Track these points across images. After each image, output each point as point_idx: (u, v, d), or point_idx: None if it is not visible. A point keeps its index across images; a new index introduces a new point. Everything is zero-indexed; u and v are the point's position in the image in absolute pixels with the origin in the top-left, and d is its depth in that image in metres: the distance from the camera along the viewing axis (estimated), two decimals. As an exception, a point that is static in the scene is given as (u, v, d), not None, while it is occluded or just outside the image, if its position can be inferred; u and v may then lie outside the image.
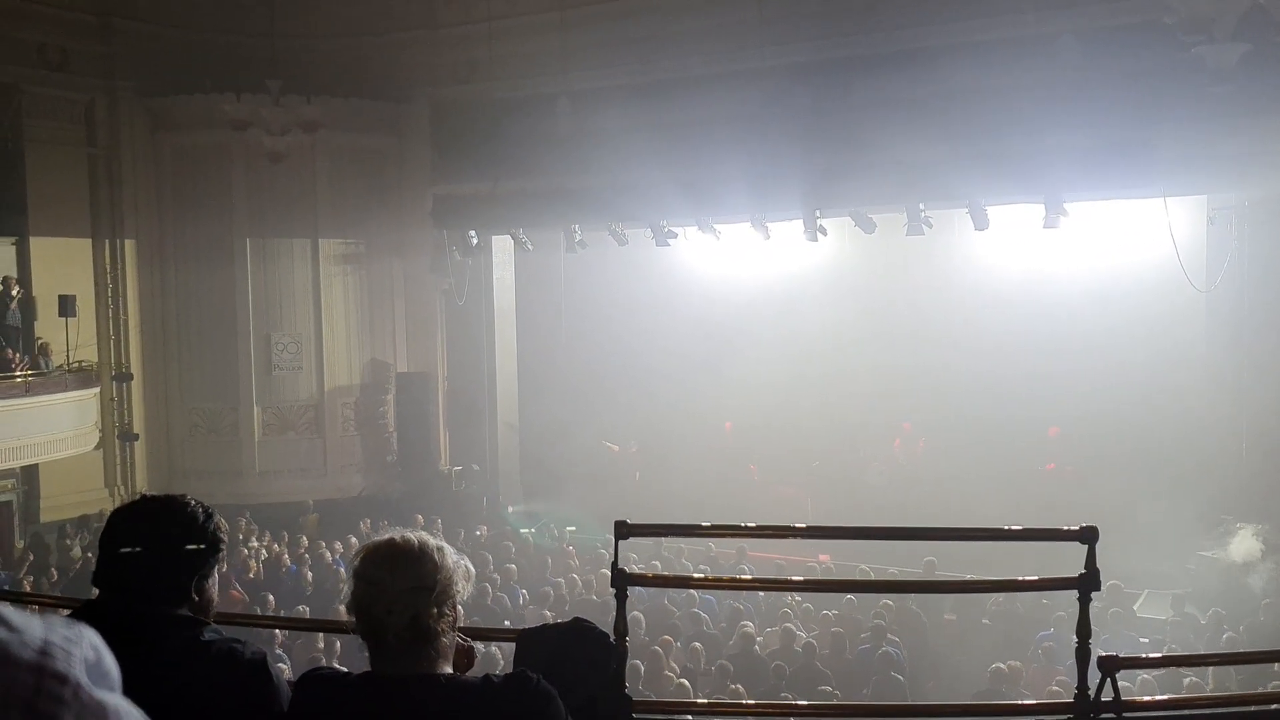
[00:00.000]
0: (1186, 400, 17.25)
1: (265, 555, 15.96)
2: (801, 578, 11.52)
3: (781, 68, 17.06)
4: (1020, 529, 3.77)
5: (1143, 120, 14.49)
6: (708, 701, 7.70)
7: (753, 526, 3.96)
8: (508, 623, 11.57)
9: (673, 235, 19.28)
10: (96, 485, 19.27)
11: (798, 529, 4.23)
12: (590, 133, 17.45)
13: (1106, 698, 3.25)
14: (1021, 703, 5.74)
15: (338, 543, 16.23)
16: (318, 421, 20.85)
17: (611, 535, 3.26)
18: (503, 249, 21.19)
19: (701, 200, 17.71)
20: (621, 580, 3.21)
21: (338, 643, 11.26)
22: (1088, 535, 3.18)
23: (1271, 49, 13.24)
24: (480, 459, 21.06)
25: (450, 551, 2.33)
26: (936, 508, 16.65)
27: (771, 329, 21.00)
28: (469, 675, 2.36)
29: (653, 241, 19.40)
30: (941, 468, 19.42)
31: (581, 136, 17.58)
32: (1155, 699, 4.53)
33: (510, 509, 20.27)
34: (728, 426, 22.52)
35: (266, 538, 16.90)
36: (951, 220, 18.62)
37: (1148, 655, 9.40)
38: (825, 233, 18.00)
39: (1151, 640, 12.03)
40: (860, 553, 14.05)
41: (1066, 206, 15.84)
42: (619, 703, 3.01)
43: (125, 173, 19.63)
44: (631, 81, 18.10)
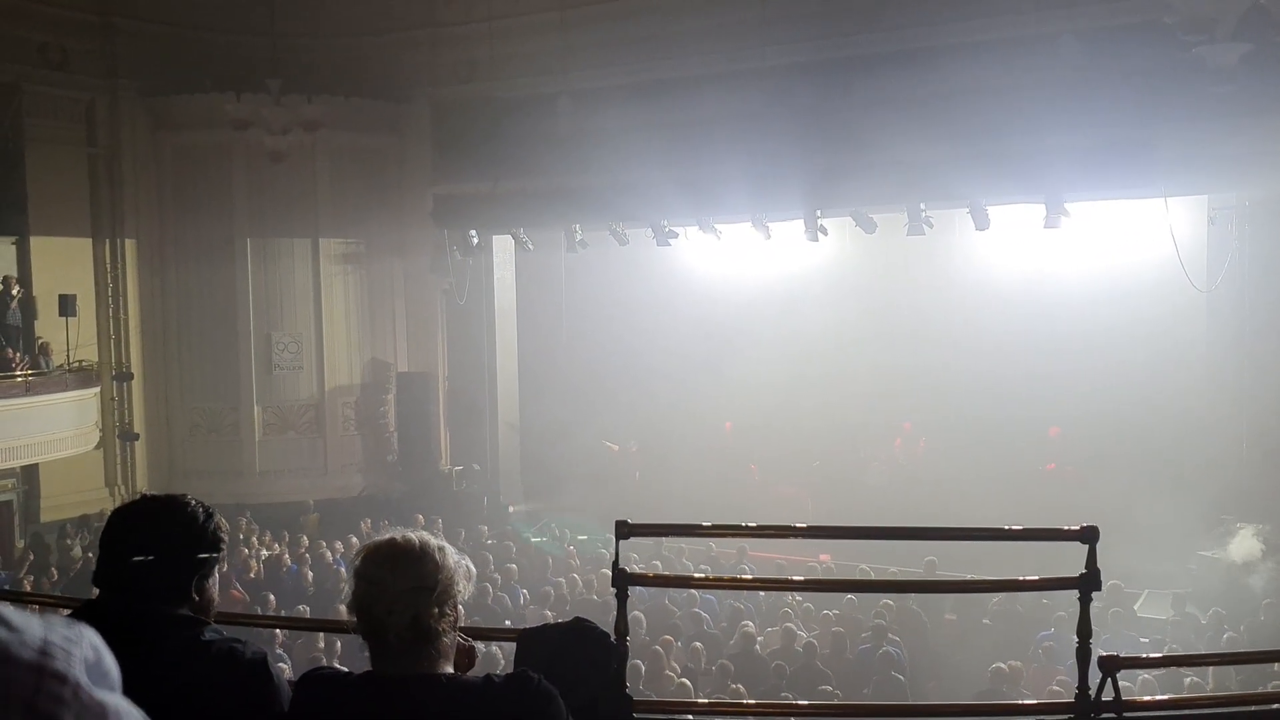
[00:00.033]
0: (1187, 400, 17.26)
1: (266, 555, 15.96)
2: (802, 577, 11.52)
3: (782, 67, 17.05)
4: (1021, 529, 3.75)
5: (1143, 120, 14.49)
6: (708, 701, 7.70)
7: (753, 526, 3.95)
8: (508, 622, 11.57)
9: (673, 235, 19.26)
10: (97, 485, 19.26)
11: (798, 529, 4.22)
12: (591, 132, 17.43)
13: (1107, 697, 3.25)
14: (1022, 702, 5.73)
15: (338, 542, 16.24)
16: (318, 421, 20.85)
17: (612, 535, 3.26)
18: (503, 249, 21.18)
19: (702, 200, 17.69)
20: (622, 580, 3.21)
21: (338, 642, 11.26)
22: (1088, 535, 3.18)
23: (1272, 49, 13.21)
24: (481, 459, 21.05)
25: (451, 551, 2.33)
26: (937, 508, 16.66)
27: (772, 329, 20.99)
28: (470, 675, 2.36)
29: (653, 241, 19.39)
30: (942, 468, 19.42)
31: (582, 136, 17.57)
32: (1156, 699, 4.53)
33: (511, 508, 20.27)
34: (728, 426, 22.52)
35: (267, 537, 16.90)
36: (952, 220, 18.61)
37: (1148, 655, 9.39)
38: (826, 232, 17.99)
39: (1152, 640, 12.03)
40: (861, 552, 14.04)
41: (1067, 206, 15.83)
42: (620, 702, 3.01)
43: (126, 172, 19.63)
44: (632, 81, 18.09)
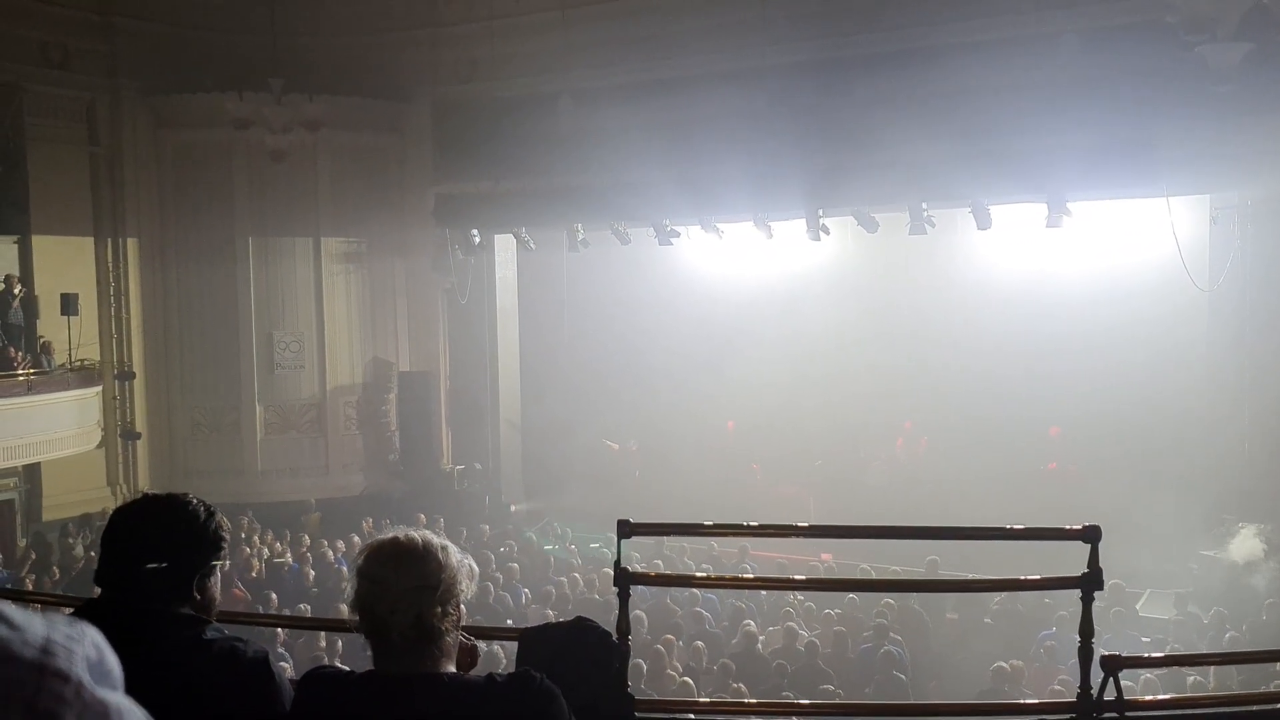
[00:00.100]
0: (1188, 400, 17.25)
1: (267, 554, 15.97)
2: (804, 577, 11.53)
3: (784, 66, 17.04)
4: (1022, 528, 3.74)
5: (1145, 119, 14.48)
6: (710, 700, 7.70)
7: (755, 525, 3.94)
8: (510, 622, 11.57)
9: (675, 234, 19.25)
10: (99, 484, 19.26)
11: (800, 528, 4.21)
12: (592, 131, 17.42)
13: (1109, 697, 3.24)
14: (1024, 702, 5.72)
15: (340, 541, 16.25)
16: (320, 420, 20.85)
17: (614, 535, 3.26)
18: (505, 248, 21.17)
19: (704, 199, 17.69)
20: (624, 579, 3.21)
21: (339, 641, 11.27)
22: (1090, 534, 3.17)
23: (1274, 48, 13.21)
24: (482, 458, 21.05)
25: (454, 550, 2.33)
26: (938, 507, 16.65)
27: (774, 328, 21.00)
28: (472, 674, 2.36)
29: (655, 240, 19.38)
30: (943, 467, 19.42)
31: (583, 135, 17.56)
32: (1158, 698, 4.51)
33: (513, 507, 20.27)
34: (730, 426, 22.52)
35: (269, 536, 16.91)
36: (954, 220, 18.61)
37: (1150, 655, 9.38)
38: (828, 232, 17.97)
39: (1154, 640, 12.03)
40: (862, 552, 14.03)
41: (1069, 206, 15.82)
42: (622, 701, 3.01)
43: (127, 171, 19.62)
44: (634, 80, 18.09)
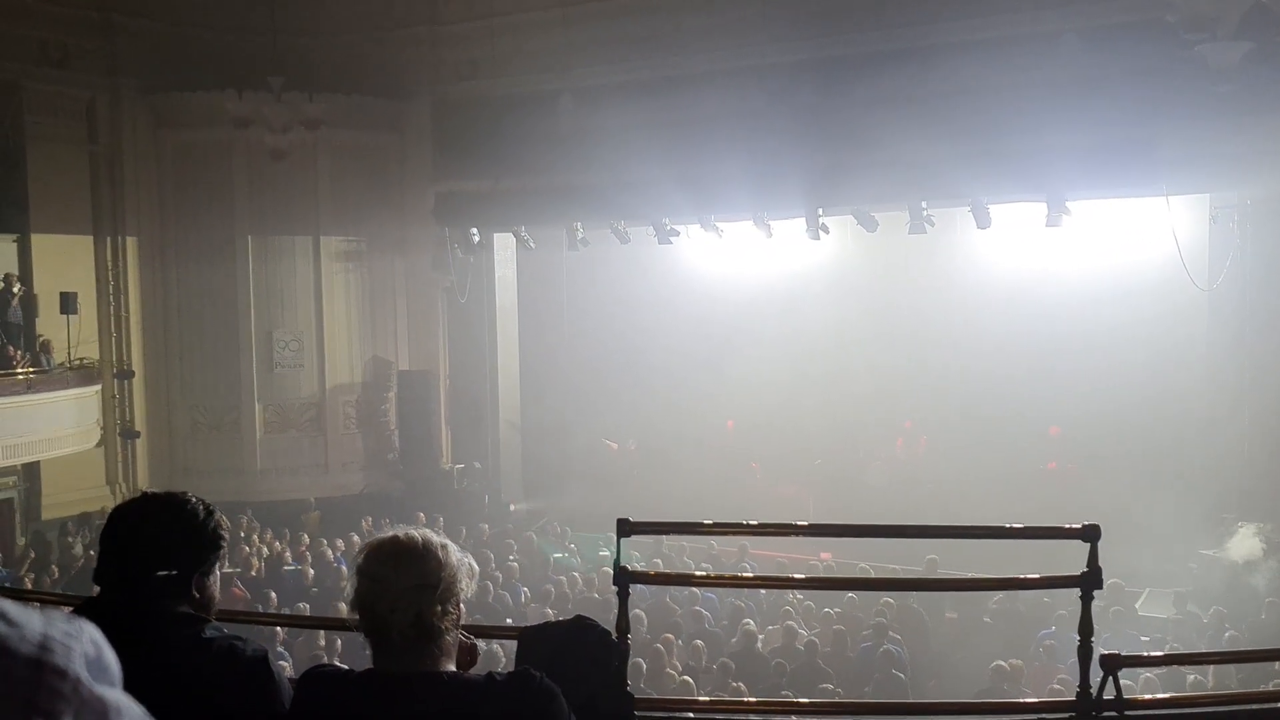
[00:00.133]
0: (1188, 399, 17.25)
1: (267, 553, 15.97)
2: (803, 576, 11.53)
3: (784, 65, 17.04)
4: (1022, 527, 3.73)
5: (1145, 119, 14.47)
6: (709, 699, 7.69)
7: (754, 524, 3.93)
8: (510, 620, 11.58)
9: (675, 233, 19.24)
10: (98, 482, 19.26)
11: (799, 527, 4.22)
12: (592, 130, 17.42)
13: (1108, 696, 3.24)
14: (1023, 700, 5.73)
15: (339, 540, 16.24)
16: (319, 419, 20.84)
17: (614, 534, 3.25)
18: (505, 246, 21.16)
19: (704, 198, 17.68)
20: (624, 578, 3.21)
21: (339, 640, 11.27)
22: (1090, 533, 3.17)
23: (1274, 47, 13.20)
24: (482, 457, 21.05)
25: (454, 549, 2.33)
26: (938, 506, 16.66)
27: (773, 327, 20.99)
28: (472, 673, 2.36)
29: (655, 239, 19.37)
30: (943, 466, 19.42)
31: (583, 134, 17.56)
32: (1157, 697, 4.51)
33: (512, 507, 20.26)
34: (730, 425, 22.52)
35: (268, 535, 16.91)
36: (954, 219, 18.61)
37: (1150, 654, 9.39)
38: (828, 231, 17.97)
39: (1153, 639, 12.03)
40: (862, 551, 14.04)
41: (1069, 205, 15.82)
42: (621, 700, 3.00)
43: (127, 170, 19.61)
44: (634, 79, 18.09)
